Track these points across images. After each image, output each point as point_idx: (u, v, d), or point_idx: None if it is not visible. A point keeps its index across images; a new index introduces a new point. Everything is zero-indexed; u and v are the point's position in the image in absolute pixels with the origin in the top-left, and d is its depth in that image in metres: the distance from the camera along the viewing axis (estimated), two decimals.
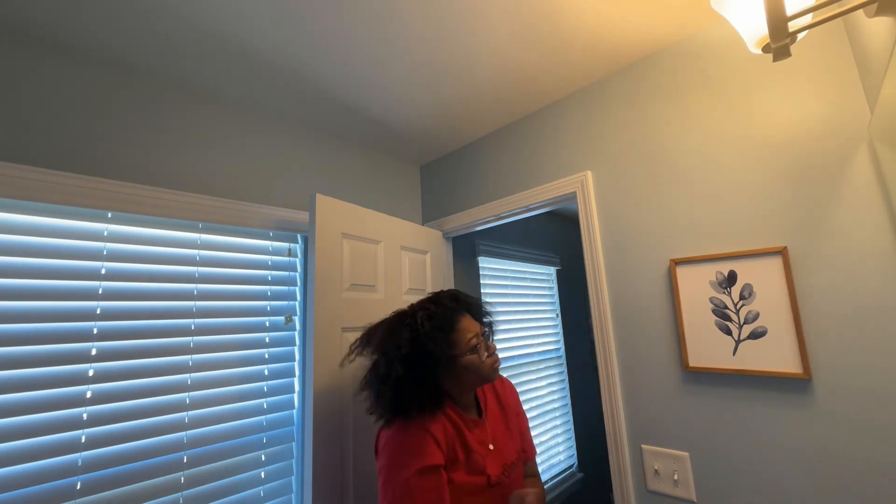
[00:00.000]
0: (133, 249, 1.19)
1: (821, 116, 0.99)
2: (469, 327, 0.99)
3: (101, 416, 1.07)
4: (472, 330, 0.99)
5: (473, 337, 0.98)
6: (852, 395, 0.90)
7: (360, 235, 1.47)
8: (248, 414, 1.32)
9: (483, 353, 0.98)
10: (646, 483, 1.19)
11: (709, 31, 1.19)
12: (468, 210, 1.82)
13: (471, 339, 0.97)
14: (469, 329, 0.99)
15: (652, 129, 1.28)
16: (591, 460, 2.91)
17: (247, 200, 1.43)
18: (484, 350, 0.99)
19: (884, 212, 0.89)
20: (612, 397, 1.27)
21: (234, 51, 1.19)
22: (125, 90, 1.23)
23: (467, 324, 1.00)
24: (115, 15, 1.04)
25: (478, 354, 0.97)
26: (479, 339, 0.99)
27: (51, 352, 1.02)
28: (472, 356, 0.96)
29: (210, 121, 1.39)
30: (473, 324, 1.01)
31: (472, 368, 0.96)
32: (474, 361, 0.96)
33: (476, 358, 0.97)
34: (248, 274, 1.40)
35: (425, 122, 1.67)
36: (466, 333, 0.98)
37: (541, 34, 1.19)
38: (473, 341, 0.97)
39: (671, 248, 1.20)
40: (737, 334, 1.06)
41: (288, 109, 1.52)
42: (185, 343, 1.23)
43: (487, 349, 1.00)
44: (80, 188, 1.10)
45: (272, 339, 1.42)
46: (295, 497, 1.37)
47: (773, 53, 0.71)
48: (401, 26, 1.13)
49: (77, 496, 1.00)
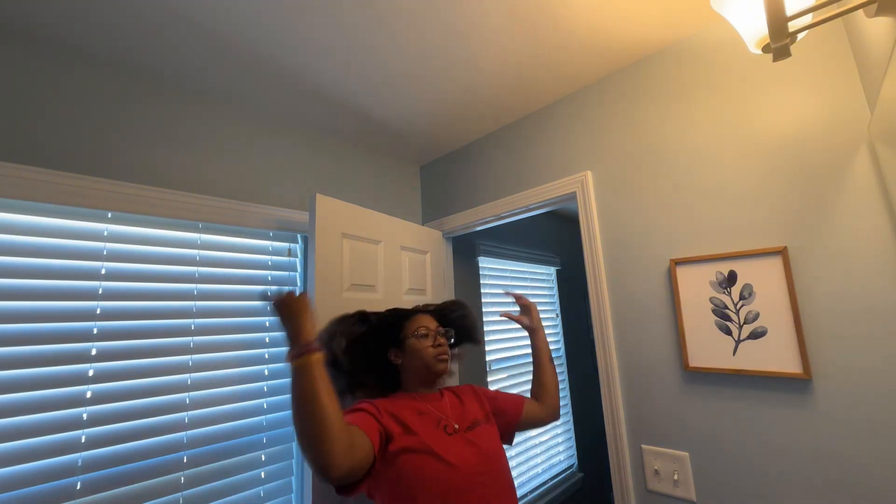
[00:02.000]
0: (133, 249, 1.19)
1: (821, 116, 0.99)
2: (422, 321, 1.12)
3: (101, 416, 1.07)
4: (425, 323, 1.11)
5: (422, 327, 1.10)
6: (853, 395, 0.90)
7: (360, 235, 1.47)
8: (248, 414, 1.32)
9: (428, 340, 1.08)
10: (646, 483, 1.19)
11: (708, 31, 1.19)
12: (468, 210, 1.82)
13: (419, 328, 1.09)
14: (421, 322, 1.11)
15: (652, 128, 1.28)
16: (591, 460, 2.91)
17: (247, 200, 1.43)
18: (431, 340, 1.08)
19: (884, 212, 0.89)
20: (612, 397, 1.27)
21: (234, 51, 1.19)
22: (125, 90, 1.23)
23: (422, 318, 1.13)
24: (116, 16, 1.04)
25: (421, 339, 1.08)
26: (428, 330, 1.10)
27: (51, 352, 1.02)
28: (416, 340, 1.08)
29: (210, 121, 1.39)
30: (430, 321, 1.13)
31: (416, 354, 1.07)
32: (417, 346, 1.07)
33: (419, 342, 1.08)
34: (248, 274, 1.40)
35: (425, 122, 1.68)
36: (417, 323, 1.11)
37: (541, 34, 1.19)
38: (421, 330, 1.09)
39: (671, 247, 1.20)
40: (737, 334, 1.06)
41: (288, 109, 1.52)
42: (185, 343, 1.23)
43: (436, 341, 1.09)
44: (80, 188, 1.10)
45: (272, 340, 1.43)
46: (295, 497, 1.37)
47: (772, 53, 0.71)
48: (402, 26, 1.13)
49: (77, 496, 1.00)
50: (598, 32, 1.20)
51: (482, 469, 0.93)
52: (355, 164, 1.81)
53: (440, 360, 1.07)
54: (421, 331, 1.09)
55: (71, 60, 1.15)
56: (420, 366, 1.07)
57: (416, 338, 1.08)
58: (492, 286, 2.40)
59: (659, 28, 1.19)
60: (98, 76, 1.19)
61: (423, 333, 1.09)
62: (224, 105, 1.44)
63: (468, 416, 1.05)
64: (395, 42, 1.20)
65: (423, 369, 1.07)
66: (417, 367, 1.07)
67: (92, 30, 1.09)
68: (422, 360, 1.07)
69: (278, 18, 1.08)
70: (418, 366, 1.07)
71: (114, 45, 1.15)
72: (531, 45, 1.24)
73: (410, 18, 1.11)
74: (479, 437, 0.99)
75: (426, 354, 1.07)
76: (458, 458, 0.91)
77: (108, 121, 1.19)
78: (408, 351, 1.08)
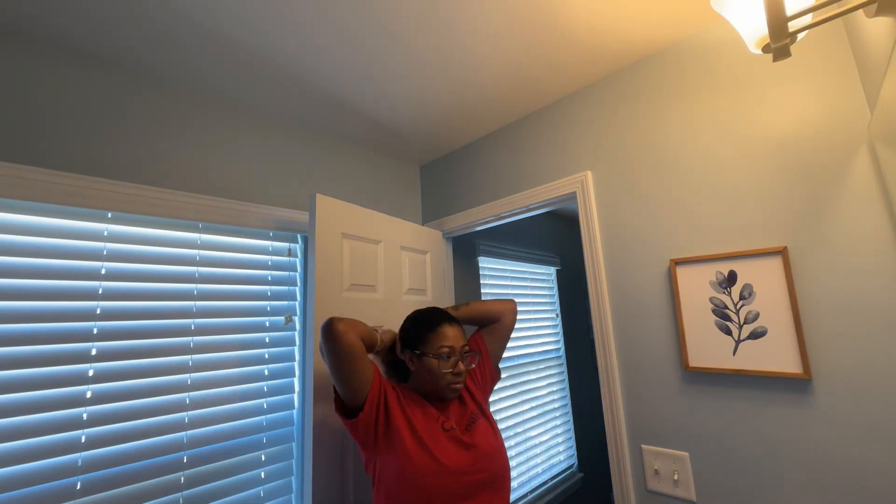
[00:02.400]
0: (133, 249, 1.19)
1: (820, 116, 0.99)
2: (448, 334, 1.01)
3: (101, 416, 1.07)
4: (450, 339, 1.00)
5: (446, 348, 0.99)
6: (853, 395, 0.90)
7: (360, 235, 1.46)
8: (248, 414, 1.32)
9: (447, 364, 0.99)
10: (646, 483, 1.19)
11: (708, 31, 1.19)
12: (468, 210, 1.82)
13: (441, 347, 0.99)
14: (447, 336, 1.00)
15: (651, 129, 1.28)
16: (591, 460, 2.91)
17: (247, 200, 1.43)
18: (450, 364, 0.99)
19: (884, 212, 0.89)
20: (612, 397, 1.27)
21: (234, 51, 1.19)
22: (125, 90, 1.23)
23: (448, 331, 1.01)
24: (116, 16, 1.04)
25: (440, 362, 0.98)
26: (451, 350, 0.99)
27: (51, 352, 1.02)
28: (434, 360, 0.99)
29: (210, 121, 1.39)
30: (457, 336, 1.02)
31: (432, 374, 0.99)
32: (435, 368, 0.98)
33: (437, 363, 0.98)
34: (248, 274, 1.40)
35: (425, 122, 1.67)
36: (442, 340, 1.00)
37: (541, 33, 1.19)
38: (445, 350, 0.99)
39: (671, 247, 1.20)
40: (737, 334, 1.06)
41: (288, 109, 1.52)
42: (185, 343, 1.23)
43: (454, 367, 1.00)
44: (80, 188, 1.10)
45: (272, 339, 1.42)
46: (295, 497, 1.37)
47: (772, 53, 0.71)
48: (401, 26, 1.13)
49: (77, 496, 1.00)
50: (598, 32, 1.20)
51: (477, 467, 0.94)
52: (355, 164, 1.81)
53: (453, 388, 1.00)
54: (444, 351, 0.99)
55: (71, 60, 1.15)
56: (431, 386, 1.01)
57: (436, 358, 0.99)
58: (492, 286, 2.40)
59: (659, 28, 1.19)
60: (98, 76, 1.19)
61: (447, 355, 0.99)
62: (224, 105, 1.44)
63: (467, 409, 1.06)
64: (396, 42, 1.20)
65: (432, 390, 1.02)
66: (428, 383, 1.01)
67: (92, 30, 1.09)
68: (434, 383, 1.00)
69: (278, 19, 1.08)
70: (429, 383, 1.01)
71: (114, 45, 1.15)
72: (531, 45, 1.24)
73: (410, 19, 1.11)
74: (475, 435, 1.00)
75: (441, 381, 0.99)
76: (453, 461, 0.93)
77: (108, 121, 1.19)
78: (425, 366, 1.00)
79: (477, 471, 0.94)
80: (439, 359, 0.99)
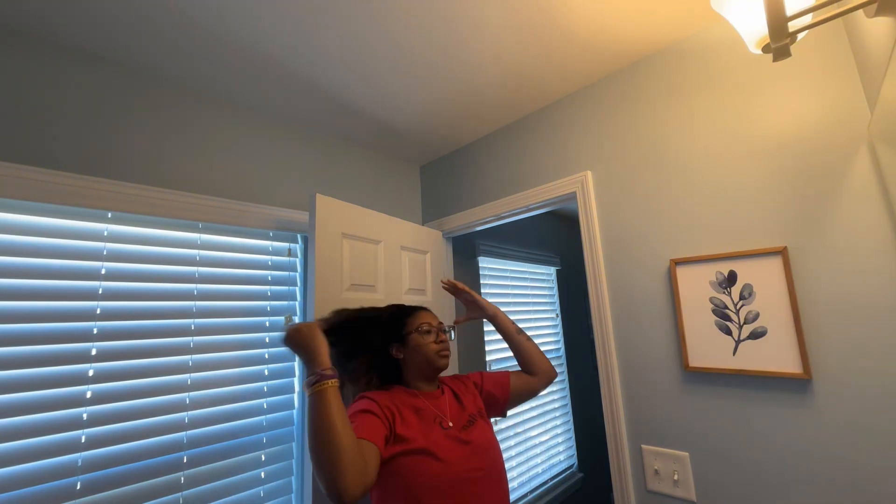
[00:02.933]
0: (133, 249, 1.19)
1: (820, 116, 0.99)
2: (425, 317, 1.13)
3: (101, 416, 1.07)
4: (427, 320, 1.13)
5: (425, 323, 1.11)
6: (853, 395, 0.90)
7: (360, 235, 1.46)
8: (248, 414, 1.32)
9: (431, 336, 1.10)
10: (646, 483, 1.19)
11: (708, 31, 1.19)
12: (468, 210, 1.82)
13: (422, 324, 1.11)
14: (424, 318, 1.13)
15: (651, 129, 1.28)
16: (591, 460, 2.91)
17: (247, 200, 1.43)
18: (433, 336, 1.10)
19: (884, 212, 0.89)
20: (612, 397, 1.27)
21: (234, 51, 1.19)
22: (125, 90, 1.23)
23: (424, 315, 1.14)
24: (116, 15, 1.04)
25: (424, 335, 1.09)
26: (430, 326, 1.12)
27: (51, 352, 1.02)
28: (419, 336, 1.09)
29: (210, 121, 1.39)
30: (432, 317, 1.15)
31: (419, 349, 1.08)
32: (420, 341, 1.09)
33: (422, 338, 1.09)
34: (247, 274, 1.40)
35: (426, 122, 1.68)
36: (420, 319, 1.12)
37: (541, 33, 1.19)
38: (424, 326, 1.11)
39: (671, 247, 1.20)
40: (737, 334, 1.06)
41: (288, 109, 1.52)
42: (185, 343, 1.23)
43: (438, 337, 1.11)
44: (80, 188, 1.10)
45: (272, 339, 1.42)
46: (295, 497, 1.37)
47: (772, 53, 0.71)
48: (402, 26, 1.13)
49: (77, 496, 1.00)
50: (599, 32, 1.20)
51: (476, 465, 0.96)
52: (355, 164, 1.81)
53: (442, 355, 1.09)
54: (424, 327, 1.11)
55: (71, 60, 1.15)
56: (422, 361, 1.08)
57: (419, 333, 1.10)
58: (492, 286, 2.40)
59: (659, 28, 1.19)
60: (98, 76, 1.19)
61: (427, 329, 1.10)
62: (224, 105, 1.44)
63: (466, 411, 1.08)
64: (395, 42, 1.20)
65: (425, 364, 1.08)
66: (419, 361, 1.09)
67: (92, 29, 1.09)
68: (424, 356, 1.08)
69: (278, 19, 1.08)
70: (420, 361, 1.08)
71: (114, 45, 1.15)
72: (531, 45, 1.24)
73: (410, 18, 1.11)
74: (474, 434, 1.01)
75: (429, 350, 1.08)
76: (452, 455, 0.94)
77: (107, 120, 1.19)
78: (410, 346, 1.10)
79: (474, 467, 0.95)
80: (422, 334, 1.10)
